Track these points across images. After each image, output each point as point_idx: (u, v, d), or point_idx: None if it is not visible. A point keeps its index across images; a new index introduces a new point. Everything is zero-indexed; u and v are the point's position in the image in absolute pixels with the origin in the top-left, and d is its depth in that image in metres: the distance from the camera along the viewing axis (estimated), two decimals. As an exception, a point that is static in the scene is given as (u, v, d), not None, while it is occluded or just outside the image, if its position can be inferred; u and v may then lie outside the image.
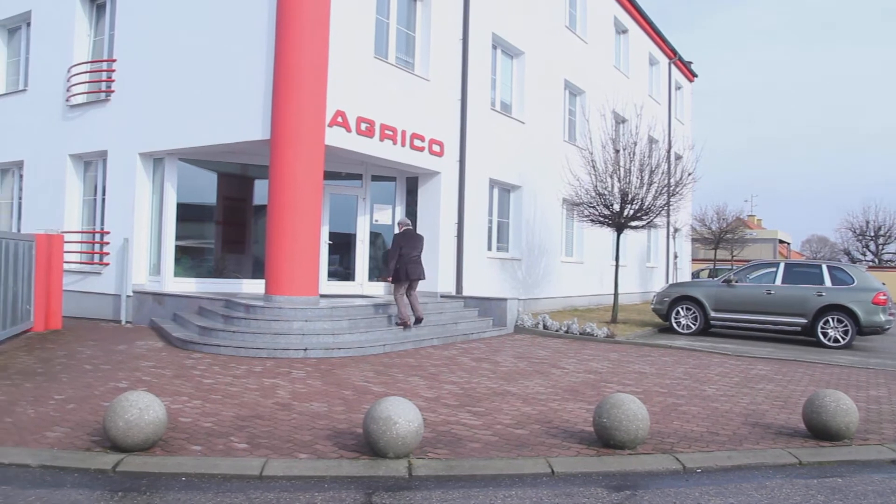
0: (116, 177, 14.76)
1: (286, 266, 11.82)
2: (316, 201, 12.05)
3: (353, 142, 12.85)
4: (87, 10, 16.03)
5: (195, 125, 13.25)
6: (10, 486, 4.84)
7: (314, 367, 9.40)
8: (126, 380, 8.34)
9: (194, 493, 4.74)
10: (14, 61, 17.98)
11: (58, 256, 13.12)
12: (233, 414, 6.77)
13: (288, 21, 11.84)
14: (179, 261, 14.38)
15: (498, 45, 17.72)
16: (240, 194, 15.50)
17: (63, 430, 6.11)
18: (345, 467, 5.27)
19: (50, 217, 15.66)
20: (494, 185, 17.70)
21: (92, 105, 15.33)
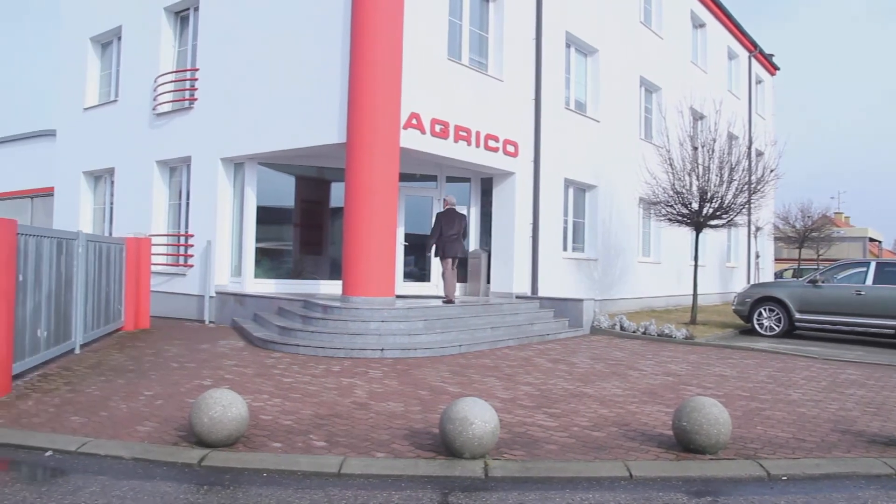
0: (199, 181, 15.27)
1: (363, 267, 11.99)
2: (391, 203, 12.19)
3: (428, 143, 12.94)
4: (171, 22, 16.64)
5: (273, 130, 13.59)
6: (106, 476, 5.08)
7: (391, 367, 9.50)
8: (210, 378, 8.61)
9: (275, 489, 4.86)
10: (106, 74, 18.82)
11: (146, 259, 13.66)
12: (312, 412, 6.90)
13: (362, 25, 12.02)
14: (259, 262, 14.77)
15: (571, 43, 17.55)
16: (317, 197, 15.81)
17: (152, 425, 6.36)
18: (421, 467, 5.31)
19: (138, 221, 16.33)
20: (569, 185, 17.54)
21: (176, 113, 15.90)
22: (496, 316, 13.17)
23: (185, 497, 4.69)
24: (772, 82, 34.51)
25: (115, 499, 4.62)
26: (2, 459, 5.55)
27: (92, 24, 18.75)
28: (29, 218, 25.79)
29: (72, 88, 19.41)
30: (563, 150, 16.66)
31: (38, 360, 8.81)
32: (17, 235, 7.82)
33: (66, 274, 9.81)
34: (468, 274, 15.94)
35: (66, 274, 9.81)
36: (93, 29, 18.71)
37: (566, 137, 16.83)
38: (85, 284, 10.63)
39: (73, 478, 5.05)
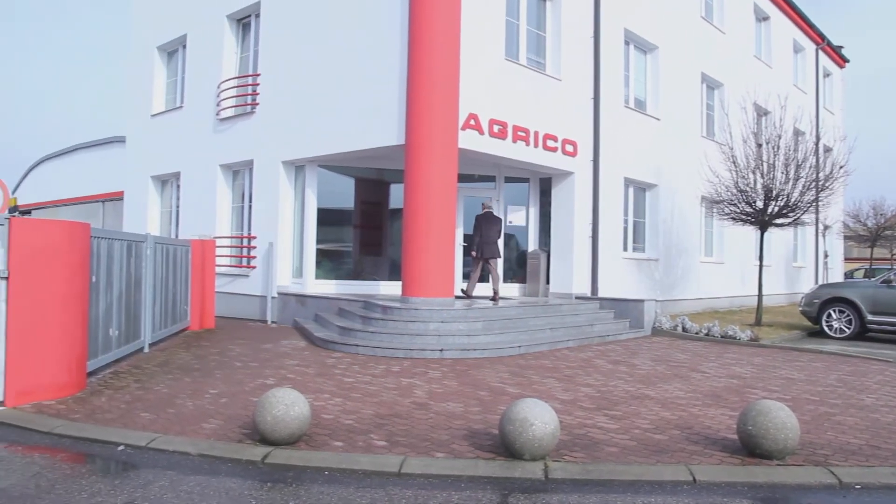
0: (261, 184, 15.58)
1: (422, 268, 12.05)
2: (450, 204, 12.23)
3: (486, 144, 12.94)
4: (234, 29, 17.03)
5: (333, 133, 13.77)
6: (174, 471, 5.23)
7: (450, 368, 9.52)
8: (273, 377, 8.77)
9: (336, 487, 4.92)
10: (172, 81, 19.37)
11: (210, 260, 14.00)
12: (372, 412, 6.97)
13: (419, 28, 12.09)
14: (320, 264, 14.98)
15: (630, 40, 17.32)
16: (376, 198, 15.95)
17: (217, 423, 6.51)
18: (481, 467, 5.31)
19: (203, 223, 16.76)
20: (629, 184, 17.31)
21: (239, 118, 16.26)
22: (556, 317, 13.09)
23: (249, 493, 4.79)
24: (841, 75, 33.39)
25: (182, 493, 4.75)
26: (78, 452, 5.77)
27: (158, 33, 19.33)
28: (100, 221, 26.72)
29: (140, 96, 20.05)
30: (622, 148, 16.45)
31: (109, 358, 9.12)
32: (90, 238, 8.11)
33: (135, 275, 10.13)
34: (527, 274, 15.87)
35: (135, 275, 10.13)
36: (159, 38, 19.29)
37: (626, 136, 16.62)
38: (153, 285, 10.96)
39: (144, 472, 5.22)
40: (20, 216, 7.45)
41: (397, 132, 12.40)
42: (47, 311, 7.31)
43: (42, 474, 5.14)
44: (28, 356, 7.16)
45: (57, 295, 7.39)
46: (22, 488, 4.83)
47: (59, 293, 7.42)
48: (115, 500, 4.61)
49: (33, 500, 4.61)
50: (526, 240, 16.12)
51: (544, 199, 15.97)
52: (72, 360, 7.62)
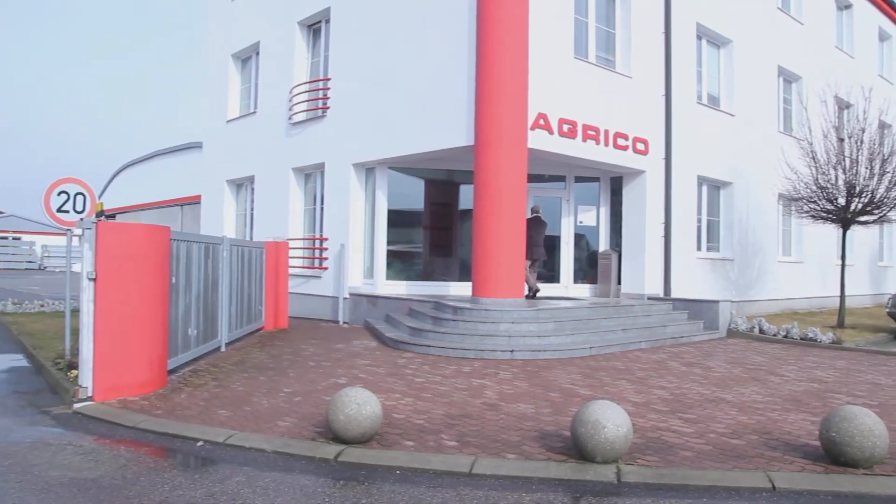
0: (333, 187, 15.84)
1: (492, 269, 12.04)
2: (520, 204, 12.18)
3: (556, 144, 12.85)
4: (304, 35, 17.37)
5: (403, 135, 13.90)
6: (250, 467, 5.37)
7: (520, 369, 9.49)
8: (345, 376, 8.90)
9: (408, 487, 4.97)
10: (246, 88, 19.89)
11: (284, 262, 14.32)
12: (443, 412, 7.00)
13: (487, 28, 12.08)
14: (391, 264, 15.13)
15: (703, 34, 16.92)
16: (446, 199, 16.02)
17: (291, 421, 6.65)
18: (552, 469, 5.27)
19: (276, 225, 17.15)
20: (703, 183, 16.91)
21: (310, 122, 16.57)
22: (627, 317, 12.90)
23: (322, 491, 4.87)
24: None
25: (258, 489, 4.87)
26: (160, 446, 5.98)
27: (233, 41, 19.88)
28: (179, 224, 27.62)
29: (216, 103, 20.67)
30: (695, 146, 16.09)
31: (188, 356, 9.42)
32: (170, 241, 8.40)
33: (212, 276, 10.43)
34: (598, 275, 15.68)
35: (212, 276, 10.43)
36: (234, 46, 19.84)
37: (698, 133, 16.25)
38: (229, 286, 11.26)
39: (221, 467, 5.37)
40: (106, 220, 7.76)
41: (466, 133, 12.43)
42: (131, 311, 7.60)
43: (128, 466, 5.36)
44: (114, 354, 7.47)
45: (140, 295, 7.68)
46: (111, 479, 5.05)
47: (142, 294, 7.70)
48: (195, 494, 4.76)
49: (120, 491, 4.82)
50: (596, 240, 15.93)
51: (615, 199, 15.75)
52: (154, 358, 7.91)
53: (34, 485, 4.92)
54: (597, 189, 15.84)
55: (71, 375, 8.19)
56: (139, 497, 4.70)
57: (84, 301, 7.36)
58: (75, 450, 5.79)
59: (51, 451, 5.74)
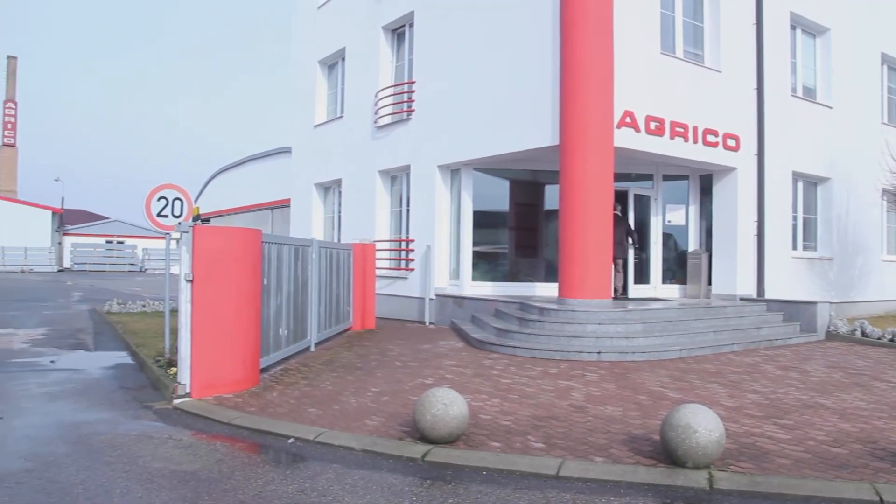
0: (418, 188, 15.99)
1: (579, 270, 11.91)
2: (607, 204, 12.01)
3: (643, 142, 12.60)
4: (389, 39, 17.61)
5: (487, 136, 13.92)
6: (339, 464, 5.49)
7: (608, 371, 9.36)
8: (431, 377, 8.98)
9: (494, 488, 4.97)
10: (332, 93, 20.33)
11: (371, 263, 14.56)
12: (529, 413, 6.98)
13: (571, 27, 11.96)
14: (476, 265, 15.17)
15: (797, 24, 16.26)
16: (531, 200, 15.94)
17: (379, 420, 6.76)
18: (641, 474, 5.18)
19: (363, 227, 17.45)
20: (798, 179, 16.26)
21: (396, 125, 16.78)
22: (719, 319, 12.53)
23: (410, 490, 4.93)
24: None
25: (347, 486, 4.98)
26: (253, 442, 6.19)
27: (319, 48, 20.34)
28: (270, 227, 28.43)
29: (304, 108, 21.20)
30: (789, 140, 15.48)
31: (280, 356, 9.69)
32: (262, 244, 8.66)
33: (302, 278, 10.70)
34: (688, 275, 15.29)
35: (302, 278, 10.70)
36: (320, 52, 20.30)
37: (793, 127, 15.62)
38: (318, 287, 11.53)
39: (312, 464, 5.51)
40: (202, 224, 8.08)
41: (551, 133, 12.34)
42: (226, 312, 7.88)
43: (224, 461, 5.57)
44: (210, 353, 7.76)
45: (234, 296, 7.95)
46: (208, 472, 5.27)
47: (236, 295, 7.98)
48: (287, 489, 4.90)
49: (217, 484, 5.01)
50: (686, 239, 15.53)
51: (705, 197, 15.32)
52: (247, 357, 8.18)
53: (139, 475, 5.17)
54: (685, 187, 15.44)
55: (170, 373, 8.56)
56: (235, 490, 4.88)
57: (182, 302, 7.69)
58: (175, 443, 6.06)
59: (153, 444, 6.02)
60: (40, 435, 6.33)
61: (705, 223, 15.35)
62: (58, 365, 10.42)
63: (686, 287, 15.26)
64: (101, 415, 7.18)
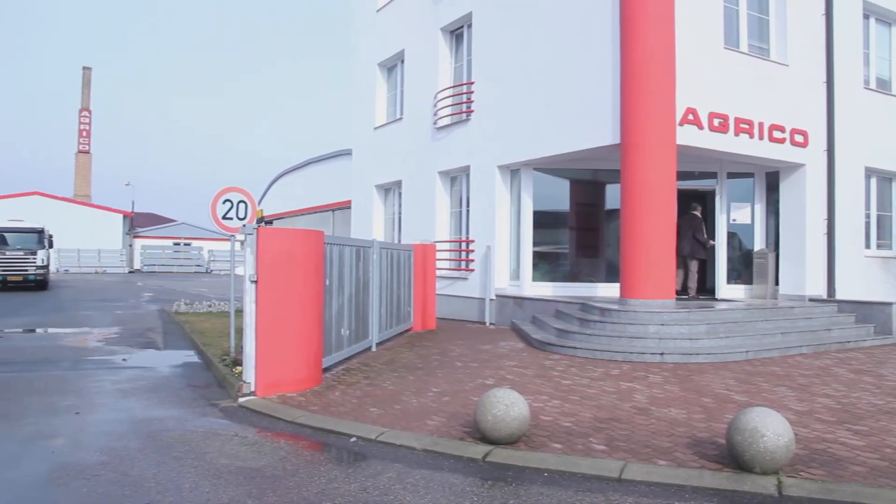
0: (478, 189, 16.00)
1: (641, 270, 11.74)
2: (669, 203, 11.80)
3: (706, 139, 12.35)
4: (447, 41, 17.66)
5: (547, 136, 13.83)
6: (401, 464, 5.53)
7: (671, 373, 9.20)
8: (492, 377, 8.97)
9: (555, 489, 4.94)
10: (392, 95, 20.50)
11: (431, 264, 14.63)
12: (590, 415, 6.91)
13: (631, 23, 11.80)
14: (537, 266, 15.09)
15: (870, 13, 15.68)
16: (591, 199, 15.79)
17: (440, 420, 6.78)
18: (706, 478, 5.07)
19: (423, 228, 17.54)
20: (871, 175, 15.69)
21: (455, 126, 16.83)
22: (786, 320, 12.18)
23: (471, 490, 4.94)
24: None
25: (409, 485, 5.01)
26: (316, 441, 6.29)
27: (379, 51, 20.55)
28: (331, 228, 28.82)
29: (364, 110, 21.44)
30: (862, 135, 14.94)
31: (341, 356, 9.81)
32: (324, 245, 8.79)
33: (363, 278, 10.81)
34: (753, 275, 14.91)
35: (363, 278, 10.81)
36: (380, 55, 20.50)
37: (866, 121, 15.07)
38: (379, 288, 11.64)
39: (373, 463, 5.56)
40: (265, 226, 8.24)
41: (612, 132, 12.20)
42: (289, 312, 8.03)
43: (288, 458, 5.67)
44: (274, 352, 7.91)
45: (297, 297, 8.09)
46: (272, 469, 5.38)
47: (299, 295, 8.12)
48: (350, 487, 4.96)
49: (281, 481, 5.11)
50: (751, 238, 15.14)
51: (771, 195, 14.91)
52: (310, 356, 8.31)
53: (206, 470, 5.31)
54: (751, 185, 15.05)
55: (236, 371, 8.76)
56: (298, 488, 4.96)
57: (247, 302, 7.85)
58: (241, 440, 6.20)
59: (220, 441, 6.17)
60: (114, 430, 6.57)
61: (772, 221, 14.95)
62: (129, 363, 10.78)
63: (752, 287, 14.88)
64: (171, 411, 7.40)
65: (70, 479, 5.14)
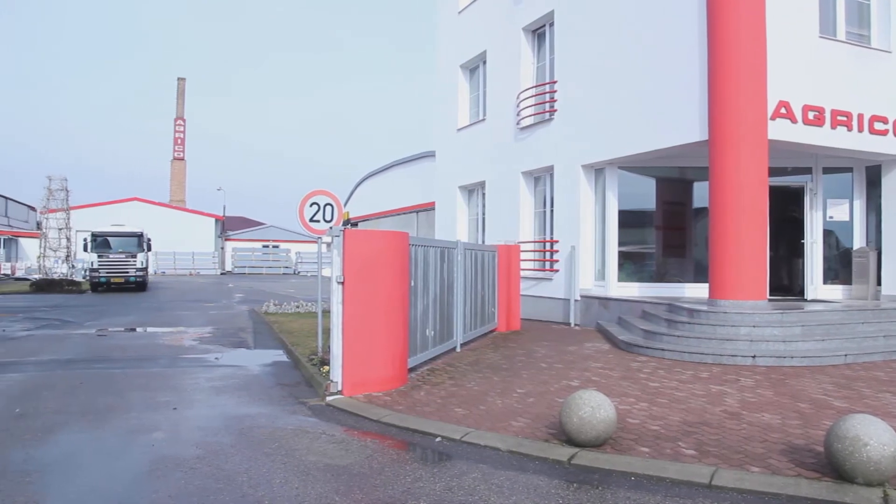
0: (562, 189, 15.86)
1: (731, 270, 11.38)
2: (761, 200, 11.40)
3: (800, 133, 11.87)
4: (529, 40, 17.57)
5: (632, 134, 13.58)
6: (486, 464, 5.53)
7: (763, 376, 8.89)
8: (577, 379, 8.87)
9: (643, 494, 4.84)
10: (475, 96, 20.54)
11: (515, 264, 14.58)
12: (679, 419, 6.75)
13: (719, 14, 11.45)
14: (622, 266, 14.84)
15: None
16: (678, 198, 15.41)
17: (524, 421, 6.75)
18: (803, 487, 4.87)
19: (507, 229, 17.49)
20: (983, 167, 14.74)
21: (538, 125, 16.72)
22: (890, 322, 11.55)
23: (556, 493, 4.89)
24: None
25: (493, 486, 5.00)
26: (402, 440, 6.35)
27: (461, 53, 20.62)
28: (415, 230, 29.08)
29: (447, 112, 21.56)
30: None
31: (426, 356, 9.89)
32: (409, 246, 8.88)
33: (447, 280, 10.86)
34: (853, 275, 14.23)
35: (447, 280, 10.86)
36: (462, 57, 20.57)
37: (978, 111, 14.17)
38: (463, 289, 11.67)
39: (458, 463, 5.58)
40: (351, 228, 8.39)
41: (699, 128, 11.87)
42: (375, 312, 8.14)
43: (374, 457, 5.75)
44: (360, 352, 8.04)
45: (383, 298, 8.20)
46: (359, 467, 5.47)
47: (385, 296, 8.22)
48: (435, 487, 4.99)
49: (368, 479, 5.19)
50: (850, 236, 14.47)
51: (872, 190, 14.20)
52: (395, 356, 8.40)
53: (296, 467, 5.45)
54: (849, 180, 14.38)
55: (323, 371, 8.94)
56: (385, 486, 5.02)
57: (334, 303, 8.01)
58: (328, 439, 6.32)
59: (308, 439, 6.31)
60: (208, 425, 6.81)
61: (873, 218, 14.24)
62: (222, 361, 11.15)
63: (850, 288, 14.21)
64: (261, 409, 7.61)
65: (169, 471, 5.36)
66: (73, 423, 6.93)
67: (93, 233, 33.12)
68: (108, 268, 32.05)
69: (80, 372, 9.95)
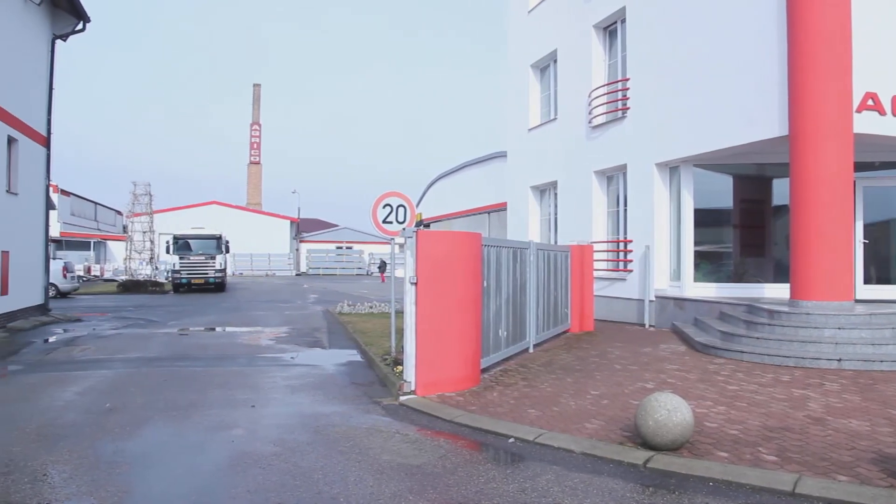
0: (635, 188, 15.59)
1: (814, 269, 10.98)
2: (846, 197, 10.95)
3: (890, 126, 11.35)
4: (600, 38, 17.34)
5: (707, 130, 13.24)
6: (559, 466, 5.49)
7: (850, 380, 8.54)
8: (652, 381, 8.72)
9: (721, 500, 4.72)
10: (545, 95, 20.41)
11: (588, 265, 14.43)
12: (759, 423, 6.55)
13: (800, 2, 11.06)
14: (698, 266, 14.49)
15: None
16: (757, 195, 14.97)
17: (598, 423, 6.67)
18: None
19: (579, 229, 17.32)
20: None
21: (610, 124, 16.49)
22: None
23: (631, 496, 4.82)
24: None
25: (567, 488, 4.96)
26: (474, 440, 6.36)
27: (531, 52, 20.51)
28: (487, 230, 29.04)
29: (518, 112, 21.49)
30: None
31: (499, 357, 9.87)
32: (481, 247, 8.89)
33: (520, 280, 10.83)
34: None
35: (520, 280, 10.83)
36: (532, 56, 20.45)
37: None
38: (536, 289, 11.61)
39: (531, 464, 5.55)
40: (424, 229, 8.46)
41: (779, 123, 11.50)
42: (448, 313, 8.18)
43: (447, 457, 5.78)
44: (433, 352, 8.09)
45: (456, 298, 8.23)
46: (432, 467, 5.50)
47: (457, 297, 8.25)
48: (508, 488, 4.98)
49: (441, 478, 5.21)
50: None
51: (970, 185, 13.49)
52: (468, 357, 8.42)
53: (370, 466, 5.52)
54: (944, 175, 13.70)
55: (397, 371, 9.04)
56: (458, 486, 5.04)
57: (407, 303, 8.08)
58: (402, 438, 6.38)
59: (382, 438, 6.38)
60: (285, 423, 6.97)
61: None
62: (297, 361, 11.39)
63: (945, 287, 13.53)
64: (336, 408, 7.74)
65: (248, 466, 5.51)
66: (158, 419, 7.20)
67: (175, 236, 34.40)
68: (189, 269, 33.24)
69: (163, 370, 10.33)
